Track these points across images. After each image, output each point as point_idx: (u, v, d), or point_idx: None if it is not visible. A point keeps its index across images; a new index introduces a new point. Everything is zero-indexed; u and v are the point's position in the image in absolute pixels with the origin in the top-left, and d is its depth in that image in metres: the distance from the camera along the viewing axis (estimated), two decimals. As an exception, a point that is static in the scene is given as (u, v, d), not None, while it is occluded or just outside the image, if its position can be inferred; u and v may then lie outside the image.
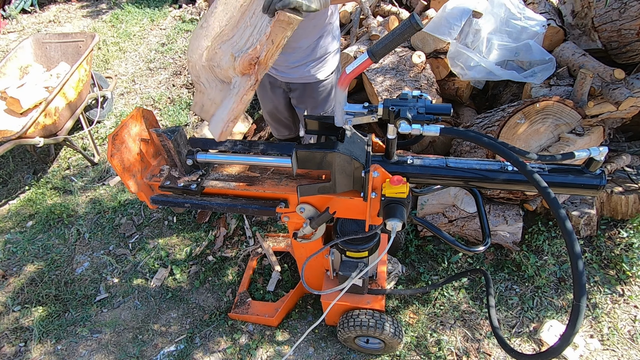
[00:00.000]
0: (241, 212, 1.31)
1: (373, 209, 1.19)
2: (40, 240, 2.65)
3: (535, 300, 2.04)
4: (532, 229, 2.24)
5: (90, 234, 2.64)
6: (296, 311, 2.11)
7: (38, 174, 3.11)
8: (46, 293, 2.33)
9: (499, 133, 1.96)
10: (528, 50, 2.14)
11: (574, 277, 0.85)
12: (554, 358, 0.91)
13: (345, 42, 2.76)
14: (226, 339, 2.04)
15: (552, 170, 1.08)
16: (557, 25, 2.23)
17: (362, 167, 1.08)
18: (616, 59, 2.12)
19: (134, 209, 2.76)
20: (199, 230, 2.58)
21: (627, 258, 2.08)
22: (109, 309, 2.25)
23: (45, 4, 5.27)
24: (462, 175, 1.11)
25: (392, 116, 0.97)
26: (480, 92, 2.77)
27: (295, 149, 1.07)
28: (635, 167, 2.25)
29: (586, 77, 1.93)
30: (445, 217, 2.21)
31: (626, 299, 2.00)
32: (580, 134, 1.93)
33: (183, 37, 4.40)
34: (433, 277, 2.17)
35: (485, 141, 0.93)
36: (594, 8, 2.10)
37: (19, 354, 2.09)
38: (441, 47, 2.36)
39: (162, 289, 2.30)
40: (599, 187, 1.05)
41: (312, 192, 1.19)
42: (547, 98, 1.92)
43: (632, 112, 1.97)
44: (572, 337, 0.87)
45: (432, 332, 1.97)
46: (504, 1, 2.19)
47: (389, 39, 0.87)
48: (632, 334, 1.89)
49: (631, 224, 2.20)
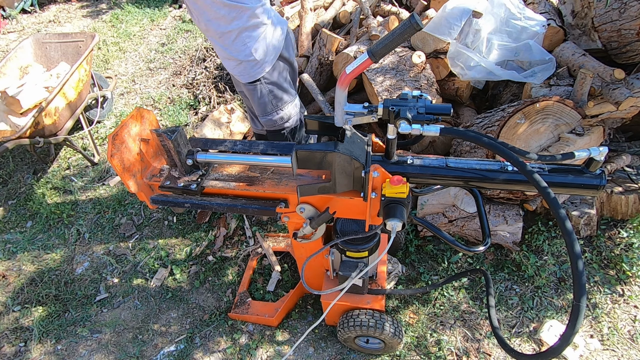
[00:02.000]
0: (241, 212, 1.31)
1: (373, 209, 1.19)
2: (40, 240, 2.65)
3: (535, 300, 2.04)
4: (532, 229, 2.24)
5: (90, 234, 2.64)
6: (296, 311, 2.11)
7: (38, 174, 3.11)
8: (46, 293, 2.33)
9: (499, 133, 1.96)
10: (528, 50, 2.14)
11: (574, 277, 0.85)
12: (554, 358, 0.91)
13: (346, 42, 2.76)
14: (226, 339, 2.04)
15: (552, 171, 1.08)
16: (557, 25, 2.23)
17: (362, 167, 1.08)
18: (616, 59, 2.12)
19: (134, 209, 2.76)
20: (199, 230, 2.58)
21: (627, 258, 2.08)
22: (109, 309, 2.25)
23: (45, 4, 5.28)
24: (462, 175, 1.11)
25: (392, 116, 0.97)
26: (480, 92, 2.76)
27: (295, 149, 1.07)
28: (635, 167, 2.25)
29: (586, 77, 1.93)
30: (445, 217, 2.21)
31: (626, 299, 2.00)
32: (580, 134, 1.93)
33: (183, 37, 4.40)
34: (433, 277, 2.17)
35: (485, 141, 0.93)
36: (594, 8, 2.10)
37: (19, 354, 2.09)
38: (441, 47, 2.36)
39: (162, 289, 2.30)
40: (599, 187, 1.05)
41: (312, 192, 1.19)
42: (547, 98, 1.92)
43: (632, 112, 1.96)
44: (572, 337, 0.87)
45: (432, 332, 1.97)
46: (504, 1, 2.19)
47: (389, 39, 0.87)
48: (632, 334, 1.89)
49: (631, 224, 2.19)
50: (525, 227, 2.23)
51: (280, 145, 1.28)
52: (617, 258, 2.10)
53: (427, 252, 2.27)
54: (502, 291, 2.10)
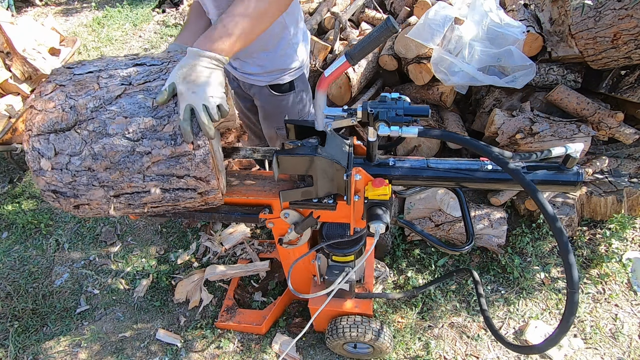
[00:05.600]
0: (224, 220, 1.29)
1: (357, 212, 1.18)
2: (17, 252, 2.55)
3: (520, 302, 2.06)
4: (516, 231, 2.27)
5: (70, 244, 2.56)
6: (284, 319, 2.08)
7: (14, 182, 3.01)
8: (22, 307, 2.23)
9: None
10: (509, 55, 2.19)
11: (566, 270, 0.86)
12: (555, 345, 0.94)
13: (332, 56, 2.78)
14: (213, 349, 2.00)
15: (530, 168, 1.10)
16: (536, 32, 2.29)
17: (344, 170, 1.07)
18: (593, 65, 2.19)
19: (115, 217, 2.69)
20: (184, 237, 2.53)
21: (607, 258, 2.12)
22: (89, 322, 2.17)
23: (22, 7, 5.16)
24: (443, 175, 1.12)
25: (371, 119, 0.98)
26: (464, 97, 2.81)
27: (276, 154, 1.06)
28: (612, 169, 2.31)
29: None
30: (432, 222, 2.23)
31: (607, 298, 2.04)
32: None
33: (166, 42, 4.36)
34: (421, 281, 2.17)
35: (464, 140, 0.94)
36: (570, 16, 2.17)
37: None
38: (424, 53, 2.40)
39: (145, 299, 2.24)
40: (577, 184, 1.07)
41: (295, 197, 1.18)
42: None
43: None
44: (571, 324, 0.89)
45: (420, 336, 1.96)
46: (485, 8, 2.24)
47: (366, 42, 0.87)
48: (614, 332, 1.92)
49: (610, 224, 2.25)
50: (509, 229, 2.26)
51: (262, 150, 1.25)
52: (598, 258, 2.14)
53: (414, 256, 2.27)
54: (488, 293, 2.12)
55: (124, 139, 0.94)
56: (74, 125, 0.95)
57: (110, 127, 0.94)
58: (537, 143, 2.17)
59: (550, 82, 2.40)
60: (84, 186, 0.97)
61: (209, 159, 0.97)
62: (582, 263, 2.17)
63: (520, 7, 2.51)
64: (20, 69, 2.81)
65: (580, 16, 2.10)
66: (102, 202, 1.01)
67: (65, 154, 0.94)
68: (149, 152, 0.95)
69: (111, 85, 0.98)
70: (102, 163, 0.95)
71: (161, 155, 0.95)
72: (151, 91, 0.98)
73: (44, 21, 3.32)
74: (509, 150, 2.28)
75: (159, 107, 0.96)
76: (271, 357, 1.95)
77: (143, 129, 0.95)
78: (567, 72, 2.36)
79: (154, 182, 0.98)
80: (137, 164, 0.95)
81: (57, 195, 0.99)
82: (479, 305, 1.41)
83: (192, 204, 1.08)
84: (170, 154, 0.95)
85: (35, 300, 2.28)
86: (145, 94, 0.97)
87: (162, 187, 0.99)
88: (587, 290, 2.07)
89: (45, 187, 0.98)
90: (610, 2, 2.01)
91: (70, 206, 1.02)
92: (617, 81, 2.30)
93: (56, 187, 0.97)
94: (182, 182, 0.99)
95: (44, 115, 0.95)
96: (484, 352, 1.90)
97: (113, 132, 0.94)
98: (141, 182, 0.97)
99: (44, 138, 0.95)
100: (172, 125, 0.95)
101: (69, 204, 1.02)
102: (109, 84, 0.99)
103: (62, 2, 5.26)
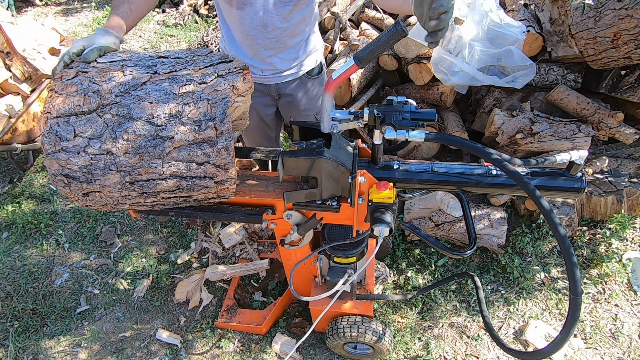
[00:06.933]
0: (227, 220, 1.28)
1: (360, 215, 1.18)
2: (17, 252, 2.54)
3: (520, 302, 2.07)
4: (516, 231, 2.28)
5: (70, 244, 2.56)
6: (284, 319, 2.08)
7: (14, 182, 3.00)
8: (22, 307, 2.23)
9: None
10: (509, 55, 2.20)
11: (568, 274, 0.87)
12: (561, 347, 0.94)
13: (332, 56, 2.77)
14: (214, 349, 2.00)
15: (534, 174, 1.10)
16: (536, 32, 2.29)
17: (348, 172, 1.07)
18: (593, 65, 2.19)
19: (116, 217, 2.68)
20: (185, 237, 2.52)
21: (607, 258, 2.13)
22: (89, 322, 2.17)
23: (22, 7, 5.13)
24: (447, 180, 1.12)
25: (377, 122, 0.97)
26: (464, 97, 2.81)
27: (281, 155, 1.06)
28: (612, 169, 2.32)
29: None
30: (432, 222, 2.23)
31: (607, 298, 2.05)
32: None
33: (167, 42, 4.34)
34: (421, 281, 2.18)
35: (470, 145, 0.94)
36: (570, 16, 2.17)
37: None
38: (424, 53, 2.40)
39: (146, 299, 2.24)
40: (580, 190, 1.08)
41: (299, 198, 1.17)
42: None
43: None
44: (574, 328, 0.90)
45: (420, 336, 1.97)
46: (485, 8, 2.24)
47: (375, 45, 0.87)
48: (614, 332, 1.93)
49: (610, 224, 2.26)
50: (509, 229, 2.27)
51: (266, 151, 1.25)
52: (598, 258, 2.15)
53: (414, 256, 2.28)
54: (488, 293, 2.12)
55: (147, 124, 0.93)
56: (97, 108, 0.94)
57: (135, 112, 0.94)
58: (537, 143, 2.18)
59: (550, 82, 2.41)
60: (100, 170, 0.95)
61: (230, 145, 0.96)
62: (582, 263, 2.18)
63: (520, 7, 2.51)
64: (20, 69, 2.79)
65: (581, 16, 2.10)
66: (114, 189, 0.99)
67: (85, 136, 0.93)
68: (171, 137, 0.94)
69: (136, 73, 0.98)
70: (122, 146, 0.93)
71: (184, 140, 0.94)
72: (177, 80, 0.98)
73: (44, 21, 3.29)
74: (509, 150, 2.29)
75: (184, 95, 0.96)
76: (271, 357, 1.95)
77: (168, 114, 0.94)
78: (567, 72, 2.36)
79: (172, 168, 0.97)
80: (158, 148, 0.94)
81: (69, 180, 0.97)
82: (480, 313, 1.41)
83: (205, 195, 1.07)
84: (193, 140, 0.95)
85: (35, 300, 2.27)
86: (171, 82, 0.97)
87: (180, 174, 0.99)
88: (587, 290, 2.08)
89: (58, 171, 0.96)
90: (610, 2, 2.01)
91: (80, 193, 1.00)
92: (617, 81, 2.31)
93: (70, 170, 0.96)
94: (201, 169, 0.98)
95: (65, 98, 0.94)
96: (484, 352, 1.91)
97: (137, 116, 0.94)
98: (159, 167, 0.96)
99: (63, 120, 0.93)
100: (198, 112, 0.95)
101: (79, 190, 1.00)
102: (134, 72, 0.99)
103: (62, 2, 5.23)
